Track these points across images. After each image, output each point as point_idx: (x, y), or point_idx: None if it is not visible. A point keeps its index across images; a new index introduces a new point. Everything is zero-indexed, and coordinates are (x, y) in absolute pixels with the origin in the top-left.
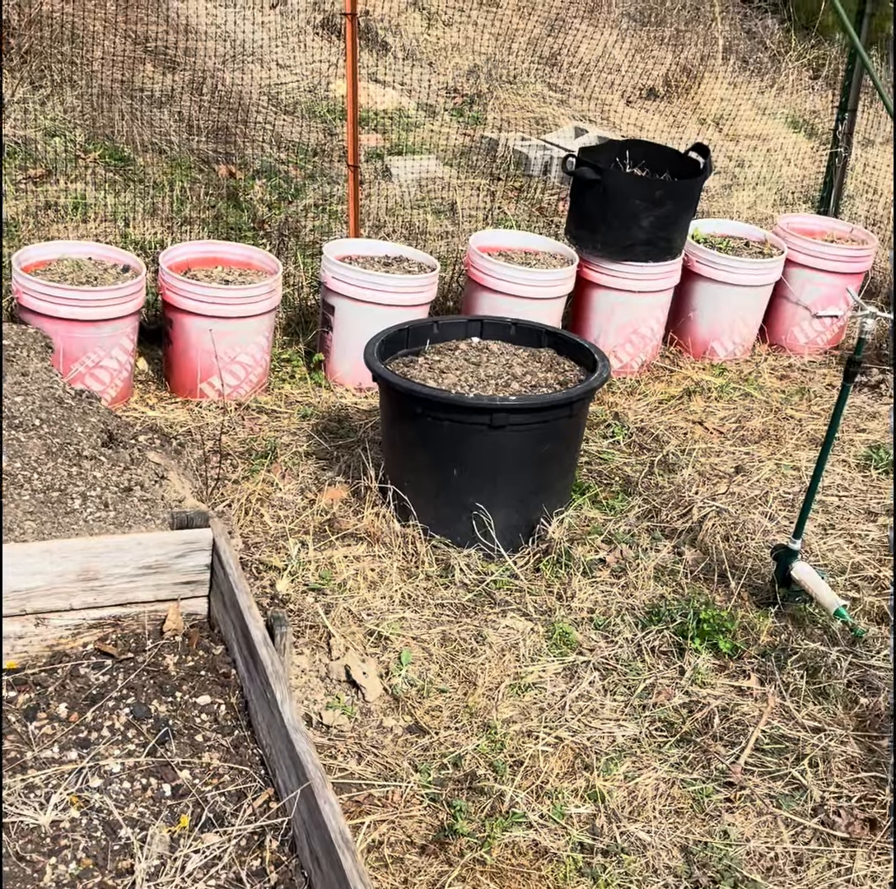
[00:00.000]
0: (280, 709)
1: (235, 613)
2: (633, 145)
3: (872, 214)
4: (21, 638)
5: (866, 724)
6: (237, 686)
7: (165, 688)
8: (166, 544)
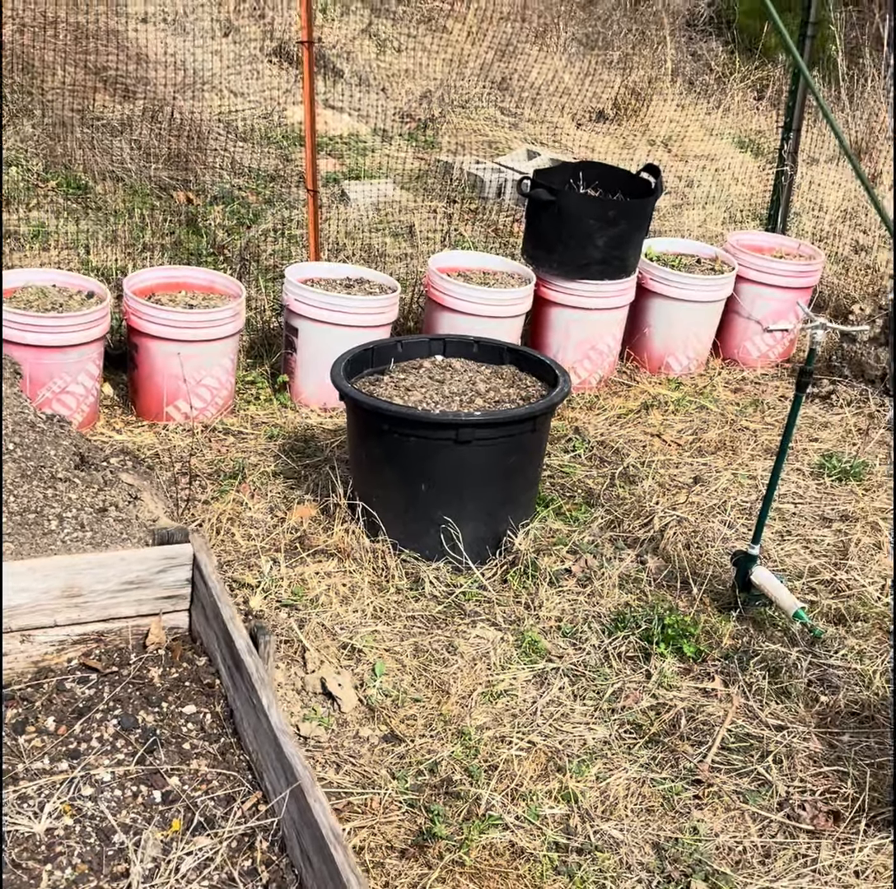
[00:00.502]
0: (267, 713)
1: (218, 625)
2: (586, 167)
3: (819, 230)
4: (6, 655)
5: (827, 721)
6: (221, 695)
7: (151, 699)
8: (147, 560)
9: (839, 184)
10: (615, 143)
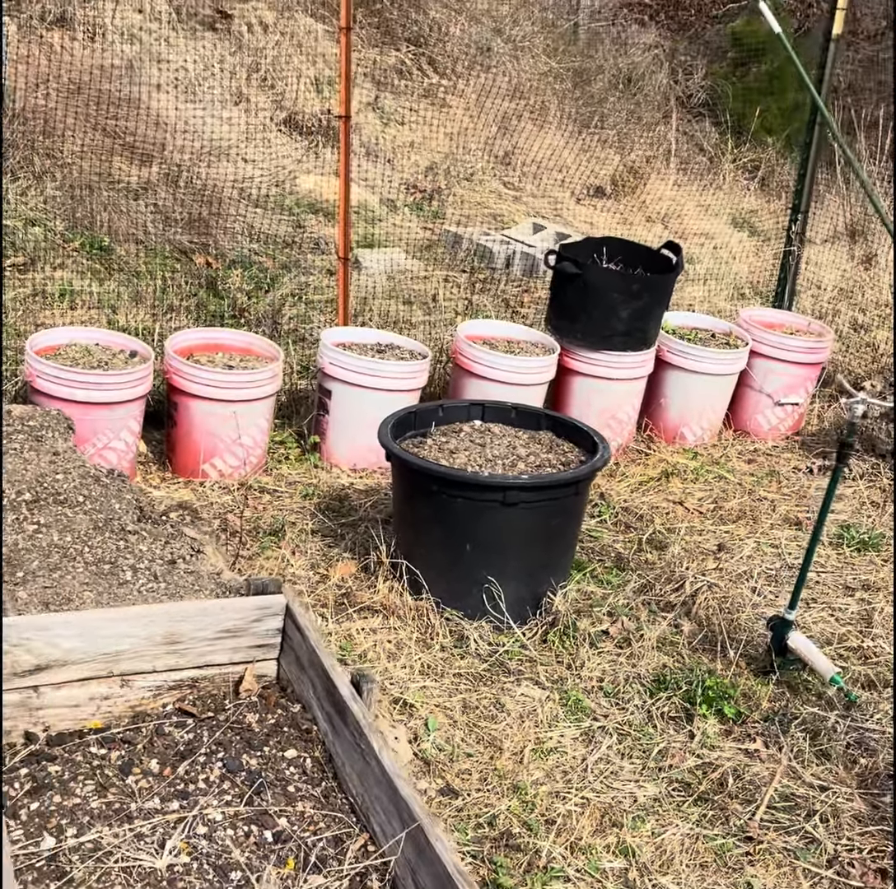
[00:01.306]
0: (378, 757)
1: (316, 672)
2: (608, 242)
3: (818, 309)
4: (106, 698)
5: (867, 783)
6: (319, 741)
7: (253, 743)
8: (245, 609)
9: (836, 264)
10: (614, 219)
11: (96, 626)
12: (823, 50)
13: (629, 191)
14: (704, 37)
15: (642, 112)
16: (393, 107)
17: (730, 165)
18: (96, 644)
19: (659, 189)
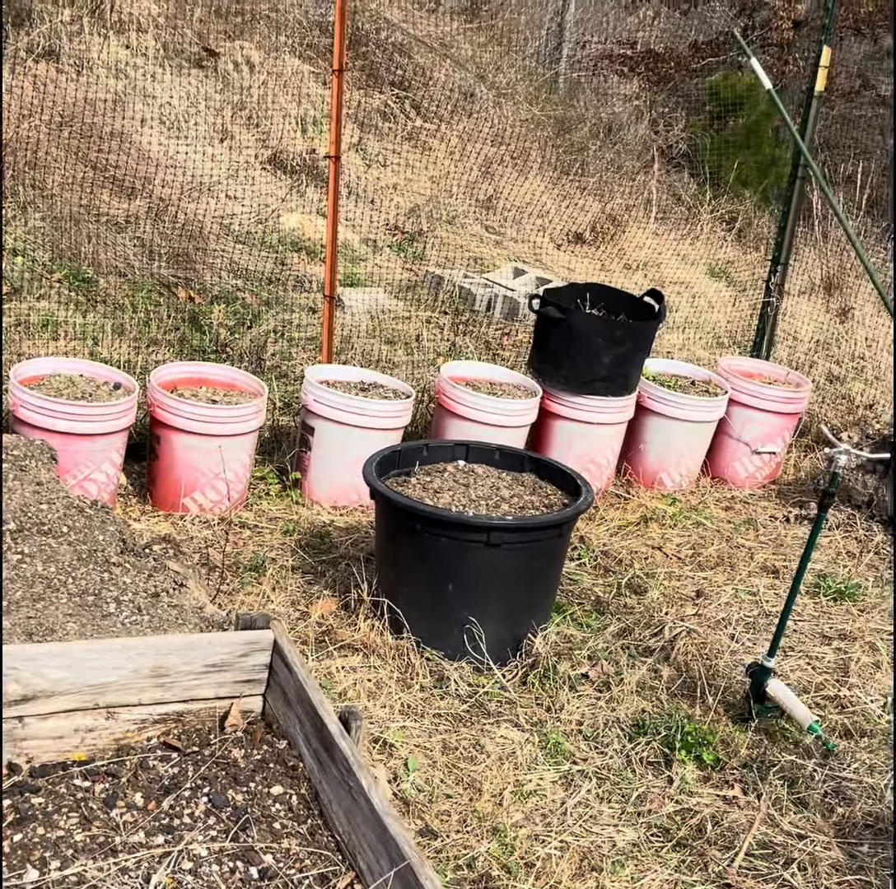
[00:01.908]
0: (367, 795)
1: (304, 709)
2: (592, 288)
3: (795, 359)
4: (91, 730)
5: (845, 832)
6: (305, 778)
7: (239, 779)
8: (233, 644)
9: (812, 316)
10: (593, 266)
11: (84, 657)
12: (806, 106)
13: (608, 238)
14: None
15: (622, 161)
16: (376, 149)
17: (707, 216)
18: (83, 675)
19: (638, 237)
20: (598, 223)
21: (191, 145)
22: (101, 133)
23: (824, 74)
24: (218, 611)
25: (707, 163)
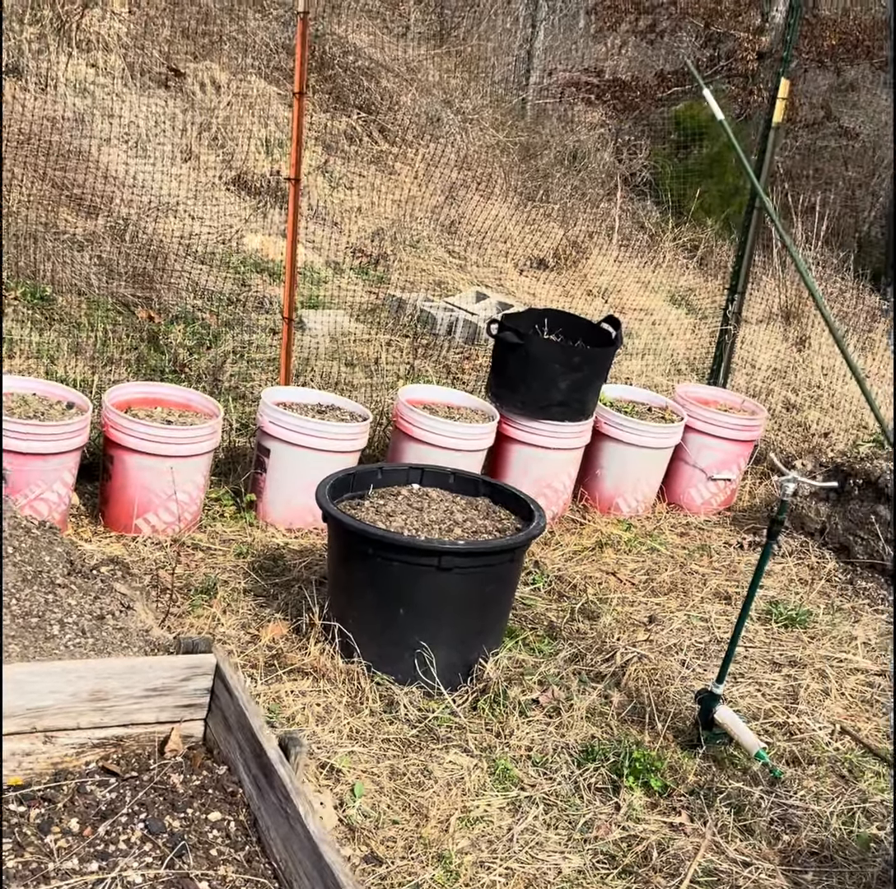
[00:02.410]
0: (304, 822)
1: (244, 735)
2: (550, 314)
3: (752, 387)
4: (28, 754)
5: (790, 860)
6: (244, 804)
7: (177, 805)
8: (175, 668)
9: (770, 344)
10: (555, 291)
11: (22, 679)
12: (764, 137)
13: (571, 264)
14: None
15: (586, 188)
16: (342, 171)
17: (670, 244)
18: (21, 698)
19: (600, 264)
20: (561, 249)
21: (154, 165)
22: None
23: (782, 106)
24: (165, 634)
25: (670, 191)
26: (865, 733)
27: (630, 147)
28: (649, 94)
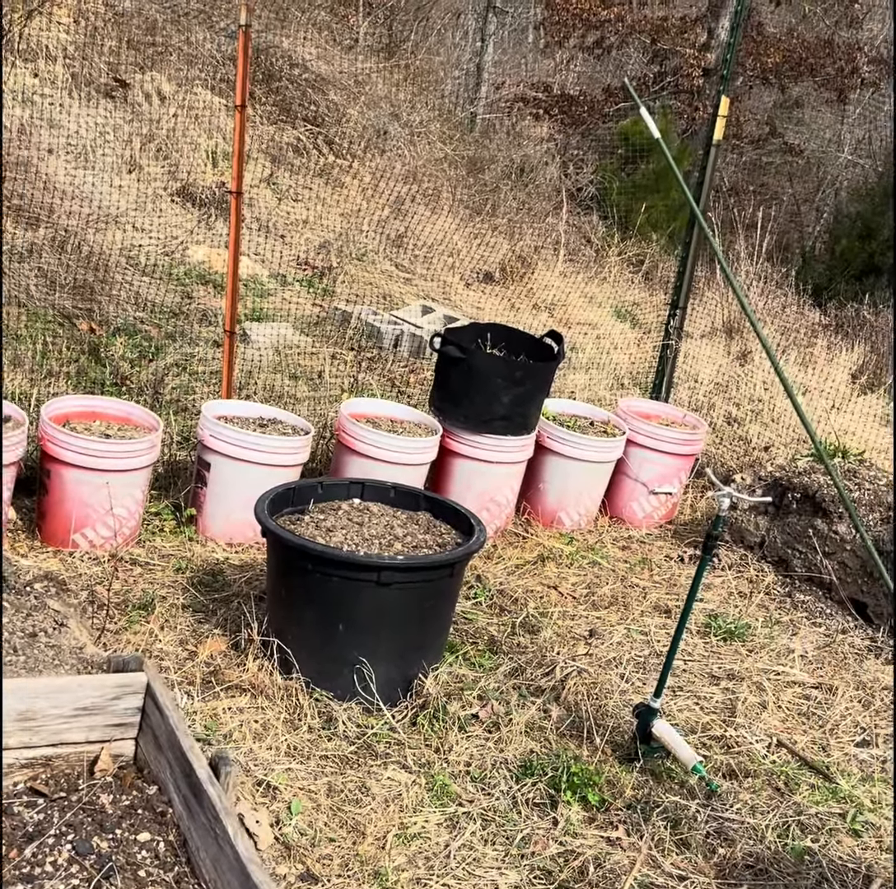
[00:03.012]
0: (233, 843)
1: (174, 754)
2: (493, 328)
3: (695, 401)
4: None
5: (725, 873)
6: (174, 824)
7: (105, 826)
8: (104, 687)
9: (713, 359)
10: (502, 305)
11: None
12: (705, 154)
13: (517, 278)
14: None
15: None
16: (288, 183)
17: (615, 258)
18: None
19: (546, 278)
20: (508, 263)
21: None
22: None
23: (722, 123)
24: (99, 652)
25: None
26: (801, 746)
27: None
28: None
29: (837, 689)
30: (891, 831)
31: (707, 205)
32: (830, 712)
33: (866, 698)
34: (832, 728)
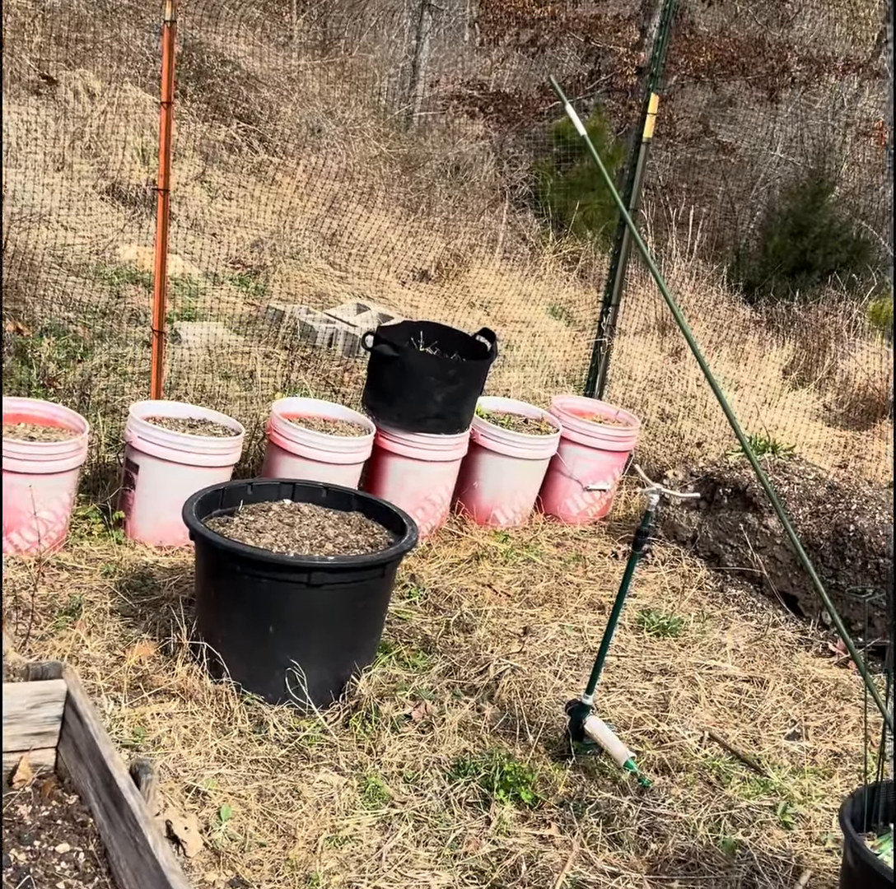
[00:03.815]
0: (153, 852)
1: (94, 763)
2: (426, 326)
3: (629, 398)
4: None
5: (657, 868)
6: (95, 834)
7: (23, 837)
8: (23, 695)
9: (646, 356)
10: (437, 303)
11: None
12: (635, 152)
13: (453, 276)
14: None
15: (468, 200)
16: (221, 181)
17: (551, 256)
18: None
19: (482, 276)
20: (443, 261)
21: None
22: None
23: (652, 121)
24: (21, 658)
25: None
26: (733, 739)
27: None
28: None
29: (768, 682)
30: (820, 823)
31: (639, 202)
32: (761, 705)
33: (797, 691)
34: (763, 721)
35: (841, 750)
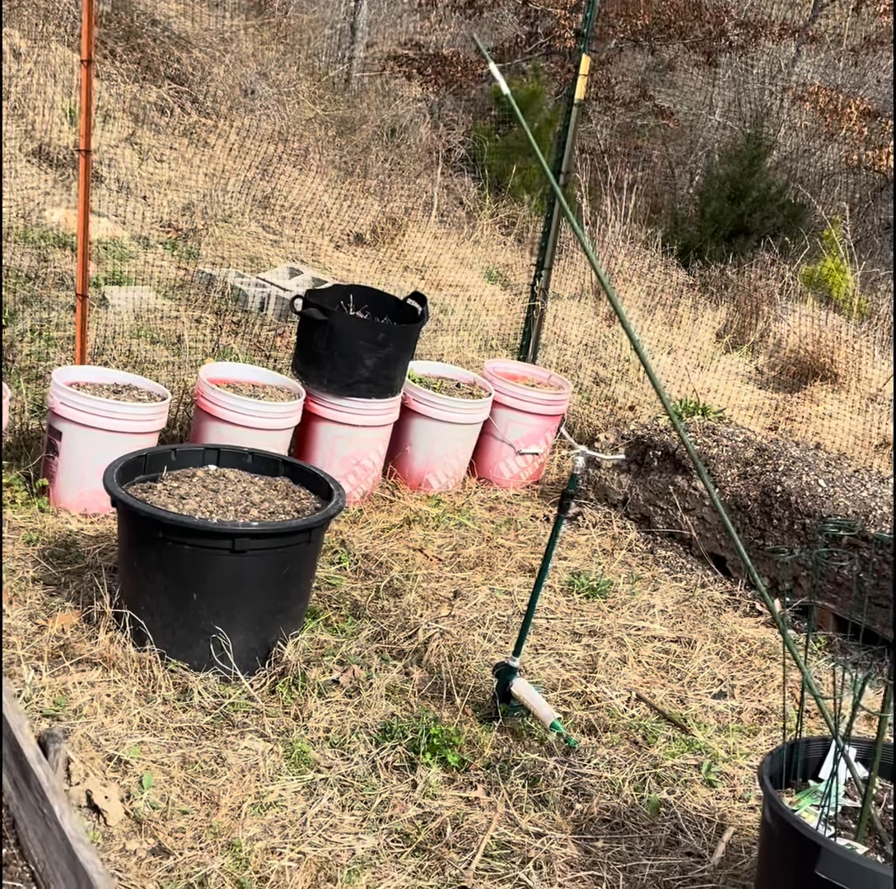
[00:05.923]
0: (59, 822)
1: (3, 733)
2: (356, 290)
3: (563, 362)
4: None
5: (582, 828)
6: (4, 805)
7: None
8: None
9: (581, 319)
10: (372, 267)
11: None
12: (567, 113)
13: (388, 240)
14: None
15: (405, 163)
16: (151, 143)
17: (488, 220)
18: None
19: (418, 239)
20: (379, 224)
21: None
22: None
23: (584, 83)
24: None
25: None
26: (660, 699)
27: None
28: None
29: (696, 642)
30: (744, 781)
31: (571, 164)
32: (689, 665)
33: (723, 650)
34: (690, 681)
35: (766, 708)
